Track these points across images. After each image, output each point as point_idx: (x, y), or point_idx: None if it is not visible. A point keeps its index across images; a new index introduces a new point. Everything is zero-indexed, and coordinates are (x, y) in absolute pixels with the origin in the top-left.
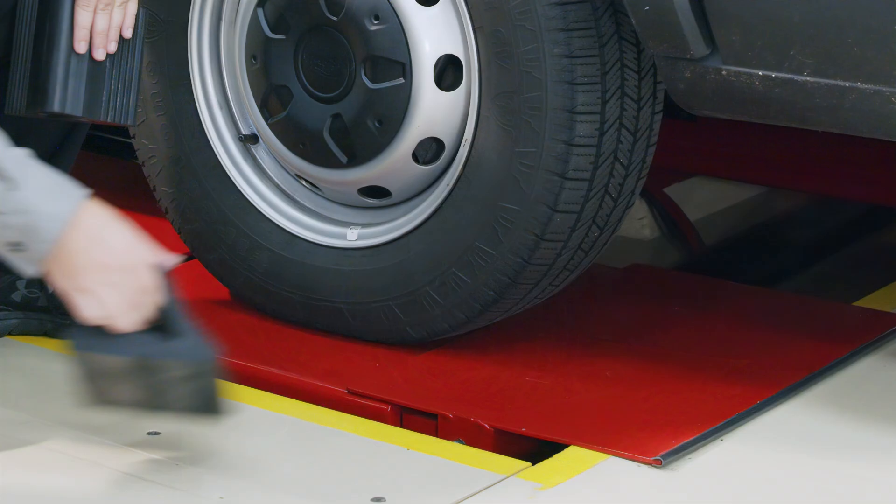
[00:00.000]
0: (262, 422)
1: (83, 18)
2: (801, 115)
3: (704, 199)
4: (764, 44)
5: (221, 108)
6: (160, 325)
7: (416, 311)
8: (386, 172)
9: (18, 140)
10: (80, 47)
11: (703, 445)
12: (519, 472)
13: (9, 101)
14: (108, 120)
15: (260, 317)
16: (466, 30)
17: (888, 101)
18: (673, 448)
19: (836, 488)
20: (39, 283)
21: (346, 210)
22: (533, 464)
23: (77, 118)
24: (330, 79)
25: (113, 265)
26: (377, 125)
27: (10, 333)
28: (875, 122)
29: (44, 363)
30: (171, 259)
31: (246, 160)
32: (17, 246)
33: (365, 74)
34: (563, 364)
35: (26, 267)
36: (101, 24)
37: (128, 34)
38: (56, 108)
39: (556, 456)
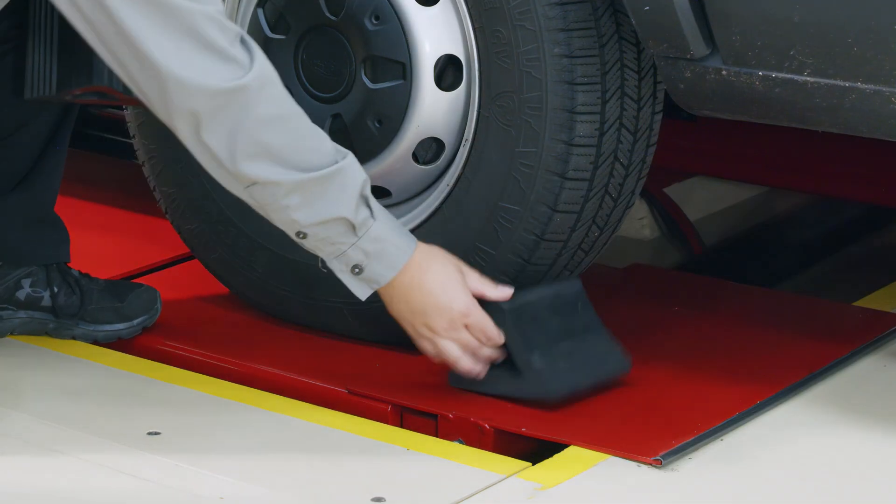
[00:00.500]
0: (262, 422)
1: None
2: (801, 115)
3: (704, 199)
4: (764, 44)
5: None
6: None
7: None
8: (386, 172)
9: (19, 128)
10: None
11: (703, 445)
12: (519, 472)
13: (31, 85)
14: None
15: (260, 317)
16: (466, 30)
17: (888, 101)
18: (673, 448)
19: (836, 488)
20: (45, 283)
21: None
22: (533, 464)
23: (115, 92)
24: (330, 79)
25: (441, 307)
26: (377, 125)
27: (12, 333)
28: (875, 122)
29: (44, 363)
30: (505, 291)
31: None
32: (359, 269)
33: (365, 74)
34: None
35: (360, 289)
36: None
37: None
38: (105, 82)
39: (556, 456)
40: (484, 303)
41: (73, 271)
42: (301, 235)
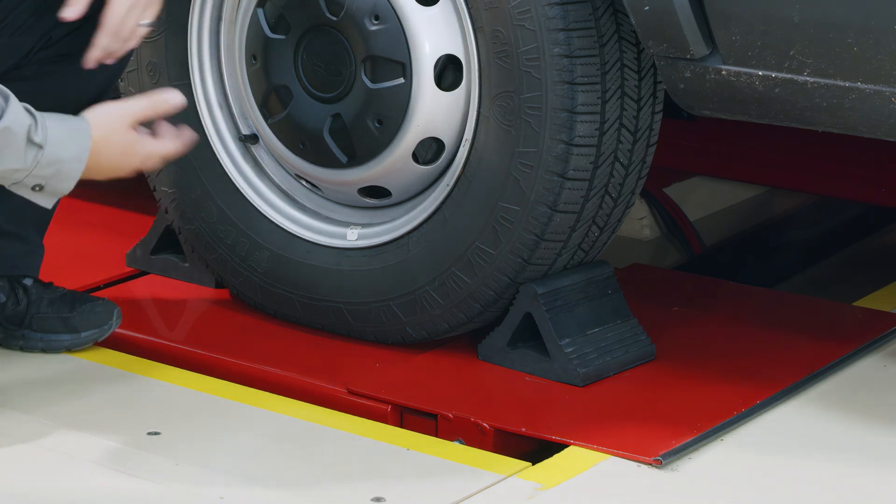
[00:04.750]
0: (262, 422)
1: None
2: (802, 115)
3: (704, 199)
4: (764, 44)
5: (221, 108)
6: None
7: (416, 311)
8: (386, 172)
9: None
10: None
11: (703, 445)
12: (519, 472)
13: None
14: None
15: (260, 317)
16: (466, 30)
17: (888, 101)
18: (673, 448)
19: (836, 488)
20: None
21: (346, 210)
22: (533, 464)
23: None
24: (330, 79)
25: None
26: (377, 125)
27: None
28: (875, 122)
29: (44, 363)
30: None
31: (246, 160)
32: (39, 188)
33: (365, 74)
34: None
35: (46, 201)
36: None
37: None
38: None
39: (556, 456)
40: (516, 286)
41: (26, 281)
42: None
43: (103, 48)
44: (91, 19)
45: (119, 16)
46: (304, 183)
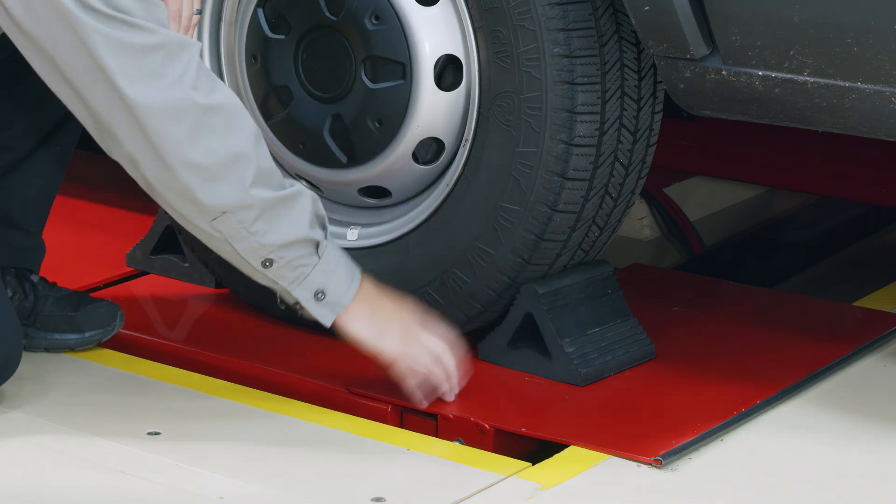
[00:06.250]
0: (262, 422)
1: None
2: (802, 115)
3: (704, 199)
4: (764, 44)
5: None
6: None
7: None
8: (386, 172)
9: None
10: None
11: (703, 445)
12: (519, 472)
13: None
14: None
15: (260, 317)
16: (466, 30)
17: (888, 101)
18: (673, 448)
19: (836, 488)
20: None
21: (346, 210)
22: (533, 464)
23: None
24: (330, 79)
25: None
26: (377, 125)
27: None
28: (875, 122)
29: (44, 364)
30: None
31: None
32: (322, 293)
33: (365, 74)
34: None
35: (325, 315)
36: None
37: None
38: None
39: (556, 456)
40: (516, 286)
41: (33, 277)
42: (267, 263)
43: None
44: None
45: (179, 1)
46: (304, 183)
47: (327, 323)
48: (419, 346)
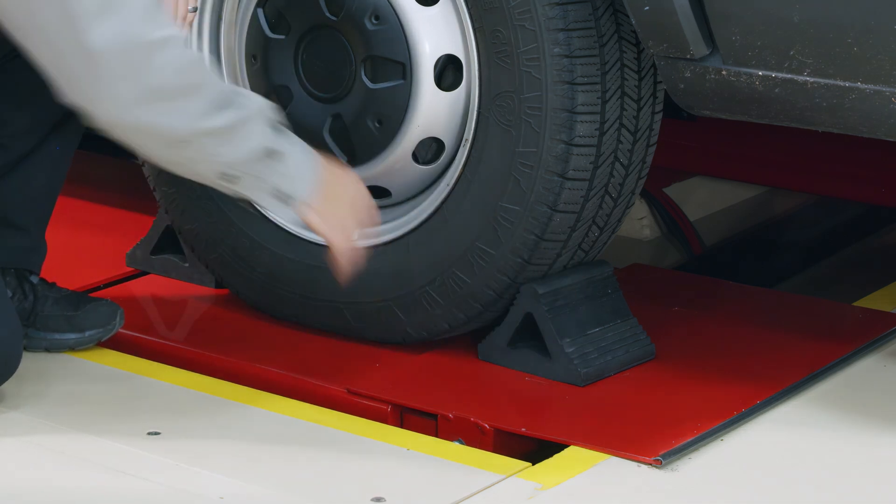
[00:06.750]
0: (262, 422)
1: None
2: (802, 115)
3: (704, 199)
4: (764, 44)
5: None
6: None
7: (416, 311)
8: (386, 172)
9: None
10: None
11: (703, 445)
12: (519, 472)
13: None
14: None
15: (259, 316)
16: (466, 30)
17: (888, 101)
18: (673, 448)
19: (836, 488)
20: None
21: None
22: (533, 464)
23: None
24: (330, 79)
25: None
26: (377, 125)
27: None
28: (875, 122)
29: (44, 363)
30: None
31: None
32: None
33: (365, 74)
34: None
35: (282, 209)
36: None
37: None
38: None
39: (556, 456)
40: (516, 286)
41: (33, 277)
42: (226, 178)
43: None
44: None
45: None
46: None
47: (283, 216)
48: (353, 223)
